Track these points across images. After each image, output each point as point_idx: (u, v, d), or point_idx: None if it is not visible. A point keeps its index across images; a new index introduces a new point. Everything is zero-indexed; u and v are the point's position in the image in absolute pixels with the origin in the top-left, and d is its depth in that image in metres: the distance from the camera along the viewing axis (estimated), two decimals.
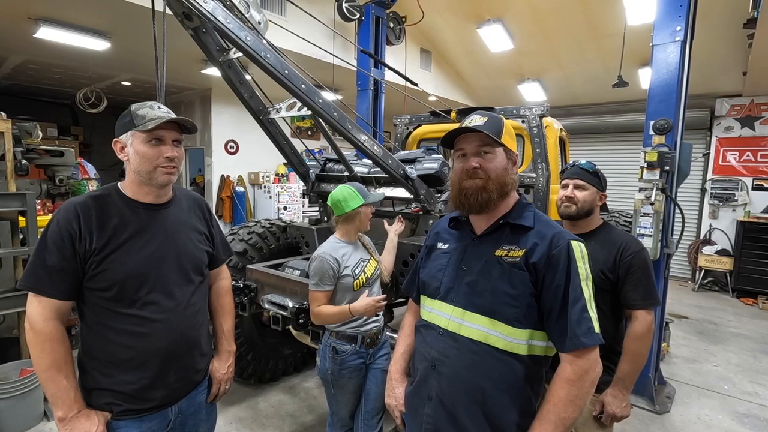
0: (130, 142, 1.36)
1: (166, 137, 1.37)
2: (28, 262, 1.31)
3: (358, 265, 2.12)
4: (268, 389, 3.55)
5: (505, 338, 1.21)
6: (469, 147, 1.31)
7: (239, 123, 8.09)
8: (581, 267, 1.20)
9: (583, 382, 1.16)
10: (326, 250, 2.09)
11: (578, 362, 1.16)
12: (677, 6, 3.17)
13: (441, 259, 1.41)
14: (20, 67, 6.65)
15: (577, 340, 1.15)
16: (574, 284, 1.18)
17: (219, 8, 1.94)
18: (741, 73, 6.43)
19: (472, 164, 1.28)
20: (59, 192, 4.09)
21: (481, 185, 1.27)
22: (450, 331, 1.30)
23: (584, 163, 1.99)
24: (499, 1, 6.49)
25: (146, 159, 1.35)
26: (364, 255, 2.20)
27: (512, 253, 1.25)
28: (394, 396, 1.52)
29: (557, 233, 1.24)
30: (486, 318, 1.24)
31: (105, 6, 4.21)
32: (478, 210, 1.30)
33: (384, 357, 2.18)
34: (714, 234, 7.45)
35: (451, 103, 7.63)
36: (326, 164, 3.43)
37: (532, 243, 1.24)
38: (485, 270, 1.27)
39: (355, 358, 2.11)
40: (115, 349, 1.34)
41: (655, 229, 3.26)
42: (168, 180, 1.40)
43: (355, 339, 2.10)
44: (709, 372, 4.19)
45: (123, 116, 1.38)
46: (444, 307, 1.33)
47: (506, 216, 1.32)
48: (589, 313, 1.17)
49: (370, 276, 2.14)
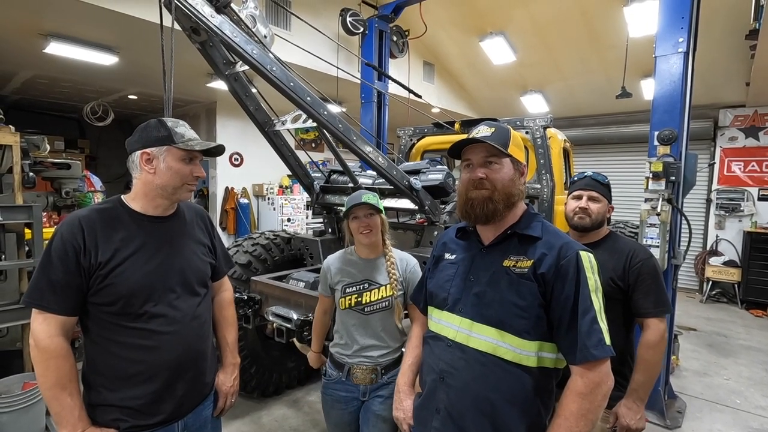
0: (162, 156, 1.35)
1: (195, 157, 1.41)
2: (32, 278, 1.29)
3: (355, 284, 1.87)
4: (272, 403, 3.50)
5: (513, 350, 1.19)
6: (476, 157, 1.31)
7: (244, 135, 8.16)
8: (591, 278, 1.19)
9: (594, 395, 1.13)
10: (331, 255, 2.04)
11: (589, 375, 1.14)
12: (679, 18, 3.19)
13: (449, 269, 1.40)
14: (29, 82, 6.76)
15: (588, 352, 1.13)
16: (583, 295, 1.16)
17: (226, 23, 1.97)
18: (744, 83, 6.44)
19: (478, 175, 1.28)
20: (65, 204, 4.11)
21: (487, 196, 1.27)
22: (458, 342, 1.28)
23: (596, 174, 1.99)
24: (500, 14, 6.56)
25: (178, 175, 1.37)
26: (375, 278, 1.87)
27: (520, 264, 1.24)
28: (402, 409, 1.51)
29: (565, 243, 1.23)
30: (494, 329, 1.22)
31: (113, 21, 4.29)
32: (485, 221, 1.30)
33: (380, 400, 1.82)
34: (721, 245, 7.38)
35: (454, 115, 7.67)
36: (331, 176, 3.44)
37: (540, 253, 1.23)
38: (493, 280, 1.26)
39: (339, 389, 1.87)
40: (123, 364, 1.32)
41: (662, 239, 3.23)
42: (188, 197, 1.44)
43: (342, 367, 1.87)
44: (720, 386, 4.11)
45: (154, 128, 1.37)
46: (452, 318, 1.32)
47: (514, 226, 1.31)
48: (599, 325, 1.15)
49: (365, 302, 1.83)
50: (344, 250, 2.02)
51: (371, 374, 1.83)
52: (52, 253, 1.27)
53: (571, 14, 6.19)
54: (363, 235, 1.85)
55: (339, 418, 1.90)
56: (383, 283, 1.86)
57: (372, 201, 1.84)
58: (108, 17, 4.17)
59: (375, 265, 1.90)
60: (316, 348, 2.15)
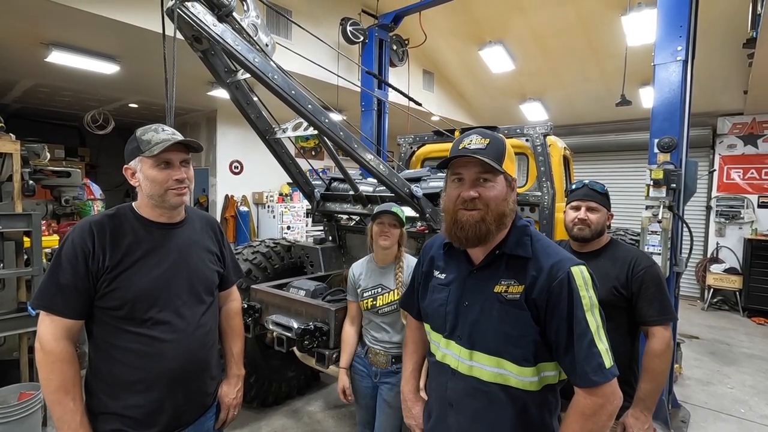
0: (139, 167, 1.36)
1: (173, 159, 1.37)
2: (42, 281, 1.31)
3: (371, 289, 2.13)
4: (271, 413, 3.46)
5: (515, 376, 1.16)
6: (468, 173, 1.19)
7: (244, 143, 8.18)
8: (584, 296, 1.12)
9: (599, 416, 1.10)
10: (355, 263, 2.25)
11: (592, 397, 1.10)
12: (677, 26, 3.21)
13: (441, 292, 1.33)
14: (31, 91, 6.78)
15: (587, 379, 1.08)
16: (577, 318, 1.10)
17: (228, 31, 1.98)
18: (742, 91, 6.48)
19: (470, 194, 1.17)
20: (65, 212, 4.10)
21: (479, 218, 1.16)
22: (461, 372, 1.25)
23: (593, 183, 1.98)
24: (499, 23, 6.62)
25: (156, 183, 1.35)
26: (387, 283, 2.12)
27: (511, 289, 1.17)
28: (412, 416, 1.52)
29: (555, 263, 1.16)
30: (493, 358, 1.19)
31: (115, 31, 4.31)
32: (475, 243, 1.20)
33: (388, 387, 2.08)
34: (721, 252, 7.37)
35: (453, 123, 7.69)
36: (331, 183, 3.44)
37: (531, 277, 1.16)
38: (486, 309, 1.21)
39: (359, 362, 2.19)
40: (124, 370, 1.31)
41: (663, 246, 3.22)
42: (180, 201, 1.41)
43: (364, 344, 2.19)
44: (723, 394, 4.07)
45: (130, 142, 1.39)
46: (452, 347, 1.28)
47: (502, 245, 1.22)
48: (597, 347, 1.09)
49: (379, 305, 2.09)
50: (367, 257, 2.27)
51: (384, 358, 2.10)
52: (62, 256, 1.28)
53: (570, 23, 6.25)
54: (381, 238, 2.09)
55: (358, 389, 2.20)
56: (393, 288, 2.10)
57: (399, 214, 2.11)
58: (110, 26, 4.20)
59: (388, 271, 2.15)
60: (344, 363, 2.21)
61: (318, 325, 2.36)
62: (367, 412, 2.21)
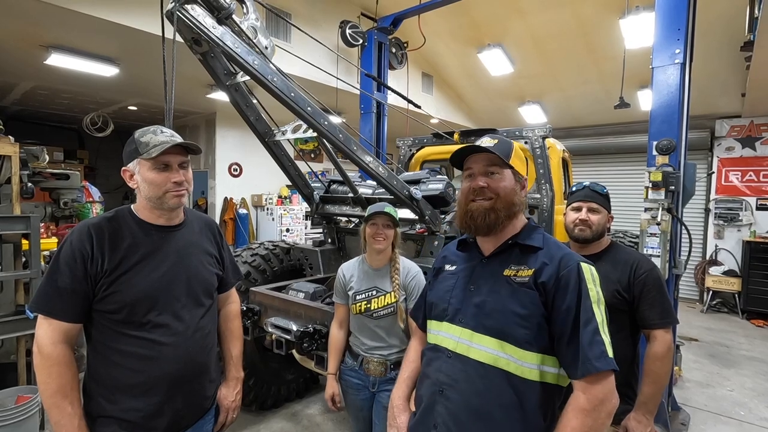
0: (137, 170, 1.36)
1: (172, 162, 1.37)
2: (40, 284, 1.30)
3: (365, 291, 2.04)
4: (270, 416, 3.45)
5: (515, 361, 1.16)
6: (477, 166, 1.30)
7: (243, 146, 8.18)
8: (592, 289, 1.16)
9: (598, 412, 1.09)
10: (345, 263, 2.16)
11: (592, 390, 1.09)
12: (675, 29, 3.23)
13: (449, 280, 1.38)
14: (30, 93, 6.78)
15: (590, 365, 1.09)
16: (585, 306, 1.14)
17: (228, 34, 1.98)
18: (740, 94, 6.50)
19: (479, 183, 1.27)
20: (63, 215, 4.09)
21: (489, 206, 1.25)
22: (458, 353, 1.25)
23: (595, 185, 1.98)
24: (498, 26, 6.64)
25: (154, 185, 1.35)
26: (383, 285, 2.03)
27: (521, 273, 1.22)
28: (396, 425, 1.44)
29: (566, 255, 1.23)
30: (495, 340, 1.20)
31: (115, 33, 4.31)
32: (486, 231, 1.28)
33: (388, 393, 1.91)
34: (720, 254, 7.38)
35: (452, 126, 7.70)
36: (330, 186, 3.44)
37: (540, 263, 1.21)
38: (494, 290, 1.24)
39: (353, 375, 2.07)
40: (122, 374, 1.31)
41: (662, 249, 3.23)
42: (178, 203, 1.40)
43: (356, 357, 2.07)
44: (723, 397, 4.06)
45: (128, 144, 1.39)
46: (452, 329, 1.29)
47: (515, 237, 1.30)
48: (601, 337, 1.12)
49: (373, 309, 2.00)
50: (357, 258, 2.17)
51: (381, 367, 2.01)
52: (61, 259, 1.28)
53: (568, 26, 6.27)
54: (375, 240, 2.01)
55: (353, 403, 2.10)
56: (389, 290, 2.02)
57: (392, 214, 2.03)
58: (109, 29, 4.20)
59: (383, 274, 2.06)
60: (332, 368, 2.12)
61: (317, 328, 2.36)
62: (364, 424, 2.12)
